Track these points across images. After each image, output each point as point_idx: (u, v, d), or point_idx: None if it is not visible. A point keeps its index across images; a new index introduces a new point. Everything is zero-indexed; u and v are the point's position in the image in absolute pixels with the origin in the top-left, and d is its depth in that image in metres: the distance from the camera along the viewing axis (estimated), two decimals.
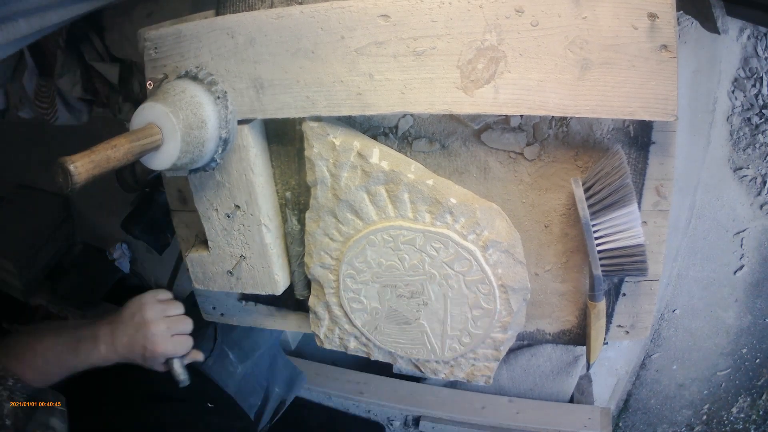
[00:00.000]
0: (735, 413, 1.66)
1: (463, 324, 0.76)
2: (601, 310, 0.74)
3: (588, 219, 0.68)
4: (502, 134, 0.72)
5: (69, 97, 1.56)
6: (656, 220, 0.73)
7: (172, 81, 0.71)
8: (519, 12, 0.60)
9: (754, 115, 1.32)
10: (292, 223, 0.82)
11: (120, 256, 2.58)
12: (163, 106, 0.64)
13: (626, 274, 0.72)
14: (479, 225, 0.70)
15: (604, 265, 0.71)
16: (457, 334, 0.78)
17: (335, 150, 0.72)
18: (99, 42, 1.41)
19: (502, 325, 0.76)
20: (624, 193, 0.66)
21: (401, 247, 0.74)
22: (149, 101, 0.65)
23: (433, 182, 0.71)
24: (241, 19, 0.69)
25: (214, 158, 0.72)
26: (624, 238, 0.68)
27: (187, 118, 0.65)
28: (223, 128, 0.70)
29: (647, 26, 0.58)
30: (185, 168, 0.70)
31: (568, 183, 0.72)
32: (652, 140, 0.69)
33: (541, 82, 0.62)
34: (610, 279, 0.76)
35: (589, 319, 0.75)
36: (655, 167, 0.71)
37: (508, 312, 0.74)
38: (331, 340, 0.87)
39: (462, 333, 0.77)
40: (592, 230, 0.69)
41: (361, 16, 0.64)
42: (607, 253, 0.70)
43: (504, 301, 0.74)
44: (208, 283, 0.88)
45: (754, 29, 1.23)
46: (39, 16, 0.89)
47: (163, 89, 0.68)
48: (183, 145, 0.65)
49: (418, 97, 0.66)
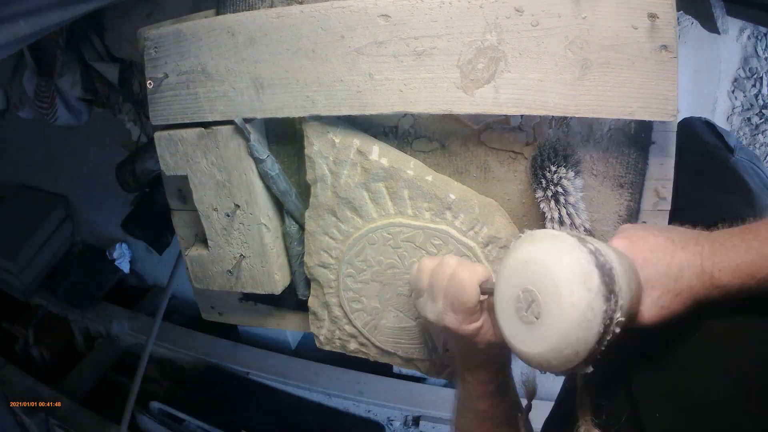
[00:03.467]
0: None
1: None
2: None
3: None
4: (502, 134, 0.72)
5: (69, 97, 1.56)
6: (656, 220, 0.73)
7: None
8: (519, 12, 0.60)
9: (754, 115, 1.32)
10: (292, 222, 0.82)
11: (120, 256, 2.59)
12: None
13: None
14: (478, 221, 0.70)
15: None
16: None
17: (335, 147, 0.72)
18: (99, 42, 1.42)
19: None
20: None
21: (401, 244, 0.74)
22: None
23: (432, 178, 0.71)
24: (241, 19, 0.69)
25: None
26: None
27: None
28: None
29: (647, 26, 0.58)
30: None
31: None
32: (651, 140, 0.69)
33: (541, 82, 0.62)
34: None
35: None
36: (655, 167, 0.71)
37: None
38: (331, 341, 0.87)
39: None
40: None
41: (361, 15, 0.64)
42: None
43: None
44: (207, 282, 0.88)
45: (754, 29, 1.23)
46: (39, 16, 0.89)
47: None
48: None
49: (418, 96, 0.66)
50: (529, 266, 0.43)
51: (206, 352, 2.26)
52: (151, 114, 0.80)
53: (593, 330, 0.39)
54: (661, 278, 0.46)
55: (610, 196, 0.72)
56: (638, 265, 0.46)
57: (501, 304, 0.46)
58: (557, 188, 0.66)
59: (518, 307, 0.43)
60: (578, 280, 0.40)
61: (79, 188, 2.59)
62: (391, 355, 0.84)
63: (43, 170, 2.64)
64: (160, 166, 0.82)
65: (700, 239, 0.47)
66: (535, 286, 0.42)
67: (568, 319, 0.39)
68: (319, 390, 2.05)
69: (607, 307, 0.40)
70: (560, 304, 0.40)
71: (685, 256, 0.46)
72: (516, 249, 0.46)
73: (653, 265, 0.46)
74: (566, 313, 0.39)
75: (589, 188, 0.72)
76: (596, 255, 0.41)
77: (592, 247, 0.42)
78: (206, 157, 0.78)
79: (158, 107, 0.78)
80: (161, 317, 2.06)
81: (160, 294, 2.38)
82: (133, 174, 1.86)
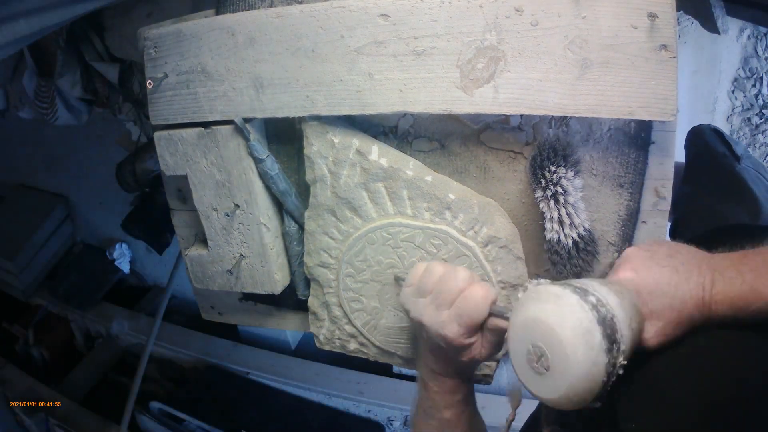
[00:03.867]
0: None
1: None
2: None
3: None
4: (501, 134, 0.72)
5: (69, 97, 1.56)
6: (656, 220, 0.73)
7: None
8: (519, 11, 0.60)
9: (754, 115, 1.32)
10: (291, 222, 0.82)
11: (120, 256, 2.59)
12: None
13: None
14: (478, 221, 0.70)
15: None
16: None
17: (334, 148, 0.72)
18: (99, 42, 1.42)
19: None
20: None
21: (400, 244, 0.74)
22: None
23: (431, 178, 0.71)
24: (241, 19, 0.69)
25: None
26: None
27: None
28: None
29: (647, 26, 0.58)
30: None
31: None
32: (651, 140, 0.69)
33: (540, 82, 0.62)
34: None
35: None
36: (655, 167, 0.71)
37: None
38: (331, 341, 0.87)
39: None
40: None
41: (361, 15, 0.64)
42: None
43: (503, 297, 0.74)
44: (207, 282, 0.88)
45: (754, 29, 1.24)
46: (39, 16, 0.89)
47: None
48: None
49: (418, 96, 0.66)
50: (536, 324, 0.47)
51: (206, 352, 2.26)
52: (151, 114, 0.80)
53: (598, 381, 0.44)
54: (665, 311, 0.49)
55: (609, 196, 0.72)
56: (643, 299, 0.50)
57: (514, 353, 0.50)
58: (557, 188, 0.66)
59: (529, 359, 0.47)
60: (581, 340, 0.44)
61: (79, 188, 2.59)
62: (391, 355, 0.84)
63: (43, 170, 2.65)
64: (160, 166, 0.82)
65: (703, 267, 0.50)
66: (543, 343, 0.46)
67: (574, 375, 0.44)
68: (319, 390, 2.05)
69: (609, 358, 0.44)
70: (566, 362, 0.44)
71: (689, 288, 0.49)
72: (524, 306, 0.50)
73: (658, 298, 0.50)
74: (572, 369, 0.44)
75: (589, 188, 0.72)
76: (597, 309, 0.45)
77: (593, 299, 0.46)
78: (206, 157, 0.78)
79: (158, 107, 0.78)
80: (161, 317, 2.07)
81: (160, 294, 2.38)
82: (133, 174, 1.86)
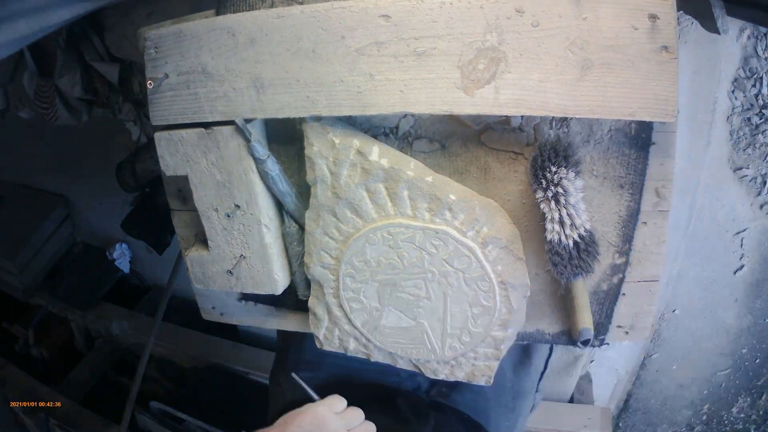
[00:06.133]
0: (735, 413, 1.66)
1: (463, 322, 0.76)
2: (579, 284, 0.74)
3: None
4: (502, 134, 0.72)
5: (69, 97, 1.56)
6: (656, 220, 0.73)
7: None
8: (520, 12, 0.60)
9: (754, 115, 1.32)
10: (291, 222, 0.82)
11: (120, 256, 2.59)
12: None
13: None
14: (478, 221, 0.70)
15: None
16: (457, 333, 0.78)
17: (335, 148, 0.72)
18: (99, 42, 1.42)
19: (502, 322, 0.76)
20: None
21: (401, 244, 0.74)
22: None
23: (432, 179, 0.71)
24: (241, 19, 0.69)
25: None
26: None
27: None
28: None
29: (648, 27, 0.58)
30: None
31: None
32: (652, 141, 0.70)
33: (541, 83, 0.62)
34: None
35: (572, 293, 0.74)
36: (655, 168, 0.71)
37: (508, 309, 0.74)
38: (331, 342, 0.87)
39: (462, 331, 0.77)
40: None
41: (361, 16, 0.64)
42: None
43: (504, 298, 0.74)
44: (207, 282, 0.88)
45: (754, 29, 1.23)
46: (39, 16, 0.89)
47: None
48: None
49: (419, 97, 0.66)
50: None
51: (206, 352, 2.26)
52: (151, 114, 0.80)
53: None
54: None
55: (610, 197, 0.72)
56: None
57: None
58: (557, 189, 0.67)
59: None
60: None
61: (79, 188, 2.59)
62: (391, 355, 0.84)
63: (43, 170, 2.64)
64: (160, 166, 0.82)
65: None
66: None
67: None
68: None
69: None
70: None
71: None
72: None
73: None
74: None
75: (590, 189, 0.72)
76: None
77: None
78: (206, 158, 0.78)
79: (158, 107, 0.78)
80: (161, 317, 2.06)
81: (160, 294, 2.38)
82: (133, 174, 1.86)
